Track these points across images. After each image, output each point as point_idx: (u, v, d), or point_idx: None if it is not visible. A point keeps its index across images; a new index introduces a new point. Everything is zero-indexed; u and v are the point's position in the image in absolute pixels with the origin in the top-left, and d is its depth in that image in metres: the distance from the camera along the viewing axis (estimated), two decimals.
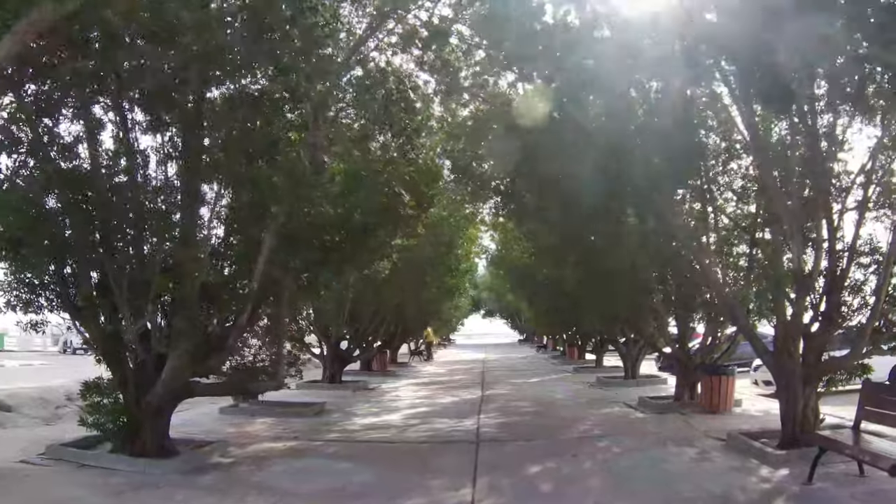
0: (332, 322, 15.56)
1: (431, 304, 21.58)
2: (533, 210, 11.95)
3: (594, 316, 16.94)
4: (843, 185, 7.86)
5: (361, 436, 9.41)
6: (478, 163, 11.04)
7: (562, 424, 10.05)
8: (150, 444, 7.39)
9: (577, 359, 25.36)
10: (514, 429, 9.82)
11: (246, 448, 8.37)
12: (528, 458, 7.58)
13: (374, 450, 8.42)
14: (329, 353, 16.06)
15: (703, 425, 9.41)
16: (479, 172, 12.21)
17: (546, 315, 24.36)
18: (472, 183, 12.68)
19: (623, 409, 11.63)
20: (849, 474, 6.16)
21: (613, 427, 9.69)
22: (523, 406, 12.50)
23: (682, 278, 11.05)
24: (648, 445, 8.10)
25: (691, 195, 9.32)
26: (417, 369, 24.19)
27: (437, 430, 9.76)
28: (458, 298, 31.31)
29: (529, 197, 11.31)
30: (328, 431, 9.72)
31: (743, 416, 10.46)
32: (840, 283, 7.57)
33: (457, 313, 40.61)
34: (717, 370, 10.85)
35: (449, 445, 8.51)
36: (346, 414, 11.65)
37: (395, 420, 10.91)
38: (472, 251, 21.20)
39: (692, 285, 11.09)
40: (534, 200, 11.31)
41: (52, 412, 10.93)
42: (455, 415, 11.31)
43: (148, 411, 7.39)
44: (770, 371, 8.14)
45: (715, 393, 10.70)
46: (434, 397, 14.48)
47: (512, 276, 24.05)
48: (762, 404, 11.76)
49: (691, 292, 11.12)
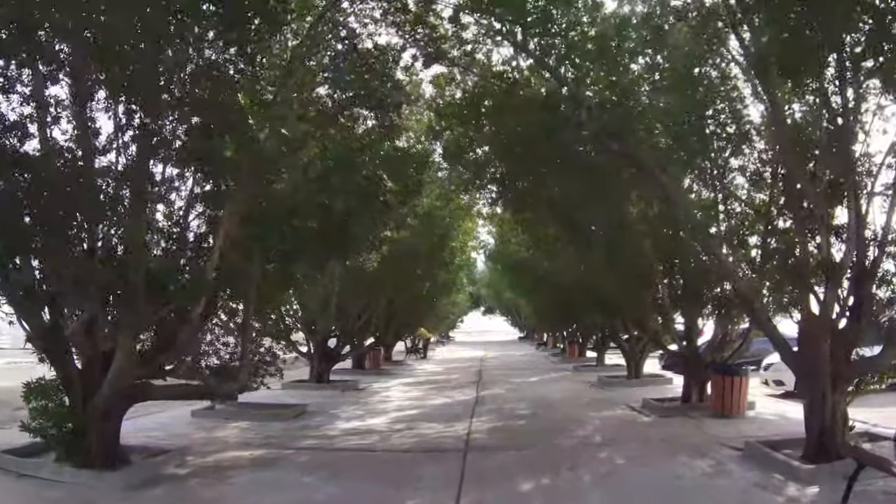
0: (317, 317, 14.71)
1: (425, 300, 20.70)
2: (531, 197, 11.13)
3: (595, 311, 16.20)
4: (870, 167, 7.01)
5: (340, 442, 8.58)
6: (471, 147, 10.16)
7: (560, 429, 9.21)
8: (97, 453, 6.58)
9: (578, 357, 24.51)
10: (507, 435, 8.99)
11: (208, 457, 7.55)
12: (520, 469, 6.75)
13: (350, 459, 7.59)
14: (316, 350, 15.23)
15: (715, 431, 8.58)
16: (473, 158, 11.37)
17: (545, 311, 23.56)
18: (466, 170, 11.86)
19: (626, 412, 10.79)
20: (889, 493, 5.33)
21: (616, 433, 8.85)
22: (519, 408, 11.66)
23: (690, 269, 10.22)
24: (655, 455, 7.25)
25: (700, 179, 8.47)
26: (413, 367, 23.36)
27: (424, 437, 8.92)
28: (456, 295, 30.50)
29: (527, 182, 10.45)
30: (304, 437, 8.90)
31: (757, 420, 9.62)
32: (870, 275, 6.72)
33: (455, 310, 39.77)
34: (729, 370, 10.01)
35: (434, 454, 7.67)
36: (328, 417, 10.82)
37: (380, 424, 10.08)
38: (468, 244, 20.30)
39: (700, 277, 10.28)
40: (531, 186, 10.46)
41: (9, 414, 10.09)
42: (446, 418, 10.48)
43: (94, 415, 6.58)
44: (793, 372, 7.29)
45: (727, 395, 9.86)
46: (426, 398, 13.64)
47: (510, 270, 23.20)
48: (776, 406, 10.94)
49: (700, 285, 10.29)
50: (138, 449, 7.35)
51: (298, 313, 14.79)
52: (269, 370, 11.27)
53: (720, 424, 9.10)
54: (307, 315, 14.69)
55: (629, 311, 12.62)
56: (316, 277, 11.56)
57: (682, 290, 10.96)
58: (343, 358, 16.82)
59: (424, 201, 14.12)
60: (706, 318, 11.20)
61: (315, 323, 14.85)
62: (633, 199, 9.51)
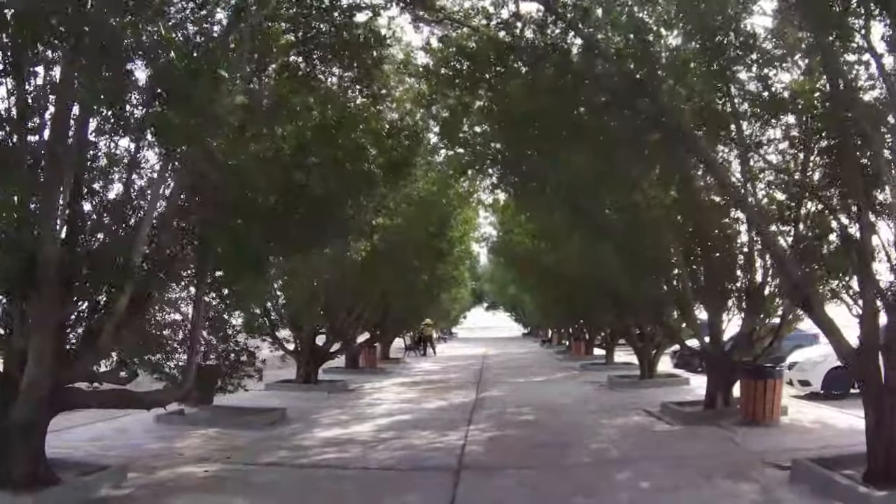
0: (303, 313, 13.51)
1: (422, 295, 19.44)
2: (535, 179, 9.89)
3: (605, 305, 15.00)
4: None
5: (313, 456, 7.37)
6: (466, 116, 8.88)
7: (568, 441, 7.97)
8: (19, 471, 5.46)
9: (585, 354, 23.24)
10: (508, 448, 7.77)
11: (154, 473, 6.39)
12: (522, 497, 5.54)
13: (320, 479, 6.38)
14: (303, 348, 14.03)
15: (751, 444, 7.36)
16: (469, 137, 10.12)
17: (550, 306, 22.33)
18: (464, 150, 10.62)
19: (643, 419, 9.55)
20: None
21: (635, 447, 7.61)
22: (522, 414, 10.42)
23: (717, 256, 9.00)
24: (687, 478, 5.99)
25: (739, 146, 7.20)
26: (410, 366, 22.16)
27: (412, 449, 7.72)
28: (457, 290, 29.26)
29: (531, 162, 9.19)
30: (275, 449, 7.71)
31: (794, 428, 8.39)
32: None
33: (456, 306, 38.55)
34: (762, 372, 8.78)
35: (420, 474, 6.47)
36: (307, 423, 9.64)
37: (364, 433, 8.88)
38: (467, 234, 18.99)
39: (728, 265, 9.07)
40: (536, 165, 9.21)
41: None
42: (439, 426, 9.29)
43: (12, 429, 5.42)
44: (853, 377, 6.05)
45: (759, 400, 8.63)
46: (420, 401, 12.43)
47: (513, 262, 21.93)
48: (811, 411, 9.70)
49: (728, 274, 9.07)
50: (73, 465, 6.21)
51: (282, 308, 13.59)
52: (248, 371, 10.23)
53: (755, 435, 7.87)
54: (291, 309, 13.48)
55: (644, 305, 11.37)
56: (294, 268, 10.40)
57: (706, 279, 9.71)
58: (333, 356, 15.61)
59: (419, 185, 12.90)
60: (731, 312, 9.95)
61: (299, 318, 13.66)
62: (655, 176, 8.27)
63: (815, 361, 11.65)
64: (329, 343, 14.98)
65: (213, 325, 9.64)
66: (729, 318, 10.00)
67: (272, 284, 11.42)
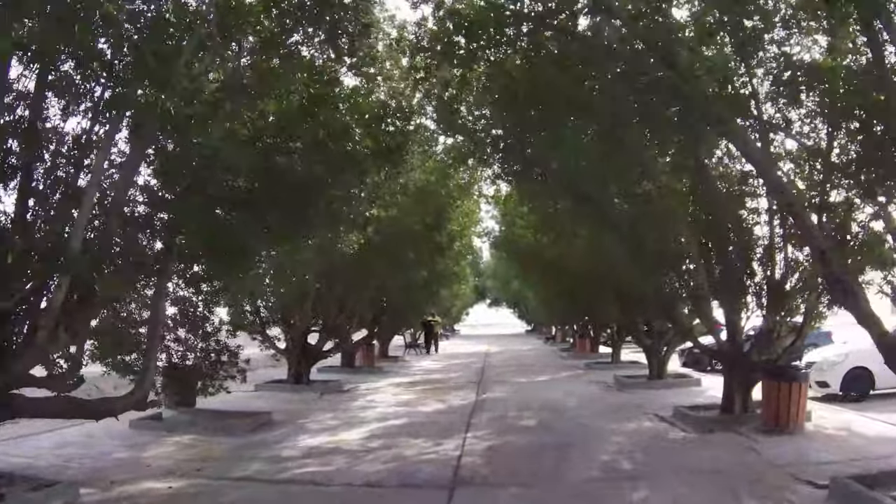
0: (292, 309, 12.82)
1: (421, 291, 18.70)
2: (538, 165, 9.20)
3: (612, 300, 14.30)
4: None
5: (293, 469, 6.66)
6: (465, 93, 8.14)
7: (574, 451, 7.26)
8: None
9: (590, 352, 22.49)
10: (508, 459, 7.05)
11: (112, 490, 5.71)
12: None
13: (295, 498, 5.70)
14: (294, 347, 13.34)
15: (776, 455, 6.64)
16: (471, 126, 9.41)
17: (554, 301, 21.61)
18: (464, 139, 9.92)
19: (656, 425, 8.83)
20: None
21: (648, 457, 6.88)
22: (524, 418, 9.70)
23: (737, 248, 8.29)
24: (709, 498, 5.29)
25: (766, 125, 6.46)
26: (410, 364, 21.45)
27: (403, 461, 7.00)
28: (459, 286, 28.54)
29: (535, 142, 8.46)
30: (251, 459, 7.03)
31: (819, 436, 7.65)
32: None
33: (458, 302, 37.81)
34: (785, 373, 8.06)
35: (409, 493, 5.77)
36: (293, 429, 8.95)
37: (353, 440, 8.19)
38: (468, 228, 18.23)
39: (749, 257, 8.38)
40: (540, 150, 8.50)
41: None
42: (435, 432, 8.59)
43: None
44: None
45: (782, 404, 7.91)
46: (417, 403, 11.73)
47: (516, 256, 21.20)
48: (835, 417, 8.95)
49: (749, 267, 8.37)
50: (20, 479, 5.54)
51: (271, 304, 12.90)
52: (230, 371, 9.55)
53: (779, 444, 7.15)
54: (280, 305, 12.79)
55: (654, 300, 10.64)
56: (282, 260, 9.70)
57: (723, 274, 8.98)
58: (327, 355, 14.91)
59: (416, 175, 12.18)
60: (750, 309, 9.22)
61: (286, 314, 12.98)
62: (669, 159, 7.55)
63: (833, 361, 10.94)
64: (322, 341, 14.28)
65: (192, 322, 9.03)
66: (747, 316, 9.29)
67: (258, 278, 10.72)
